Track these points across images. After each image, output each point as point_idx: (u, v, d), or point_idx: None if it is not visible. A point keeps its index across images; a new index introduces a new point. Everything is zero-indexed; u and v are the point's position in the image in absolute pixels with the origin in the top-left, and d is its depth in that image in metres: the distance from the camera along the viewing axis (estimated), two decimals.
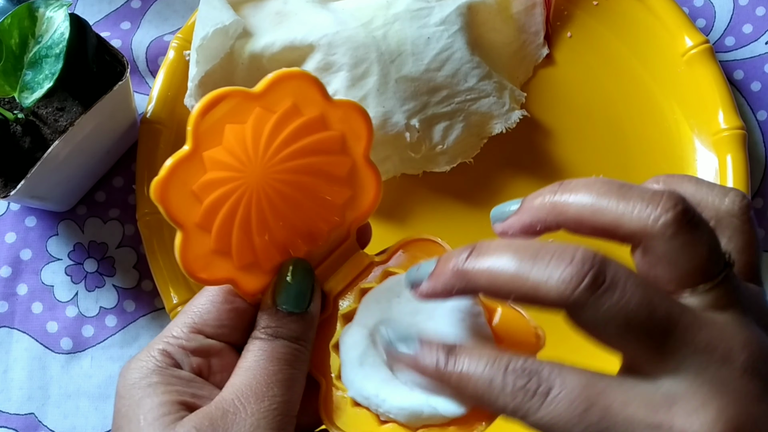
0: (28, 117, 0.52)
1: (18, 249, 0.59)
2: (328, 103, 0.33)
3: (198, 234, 0.32)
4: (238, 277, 0.33)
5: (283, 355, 0.33)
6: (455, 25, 0.56)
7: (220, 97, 0.31)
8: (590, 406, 0.28)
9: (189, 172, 0.31)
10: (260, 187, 0.32)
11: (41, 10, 0.49)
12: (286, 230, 0.34)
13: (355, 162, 0.35)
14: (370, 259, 0.36)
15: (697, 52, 0.59)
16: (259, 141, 0.32)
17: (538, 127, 0.60)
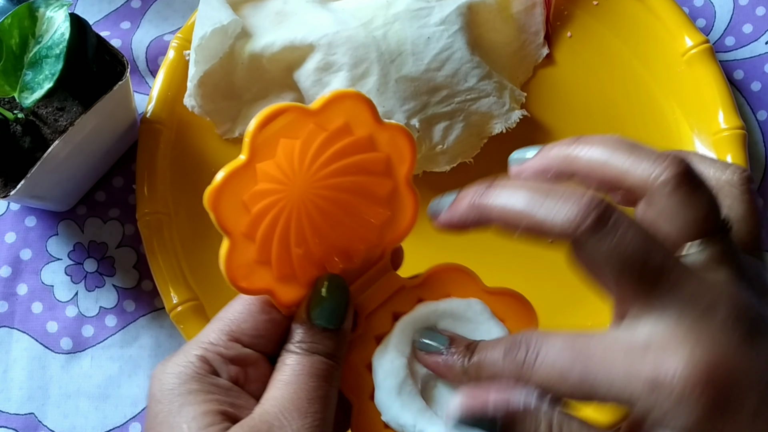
0: (28, 117, 0.52)
1: (18, 249, 0.59)
2: (377, 124, 0.34)
3: (243, 243, 0.32)
4: (276, 289, 0.34)
5: (321, 372, 0.33)
6: (455, 25, 0.56)
7: (278, 111, 0.32)
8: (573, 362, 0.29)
9: (241, 182, 0.32)
10: (302, 201, 0.33)
11: (41, 10, 0.49)
12: (323, 246, 0.34)
13: (396, 184, 0.35)
14: (402, 282, 0.36)
15: (697, 51, 0.59)
16: (305, 156, 0.32)
17: (538, 127, 0.60)
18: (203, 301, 0.55)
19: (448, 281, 0.37)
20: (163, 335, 0.57)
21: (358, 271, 0.36)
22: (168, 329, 0.57)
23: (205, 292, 0.56)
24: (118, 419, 0.56)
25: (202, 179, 0.58)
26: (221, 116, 0.59)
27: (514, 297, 0.37)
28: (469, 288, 0.37)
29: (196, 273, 0.56)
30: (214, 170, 0.58)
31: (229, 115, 0.59)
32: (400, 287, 0.36)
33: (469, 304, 0.36)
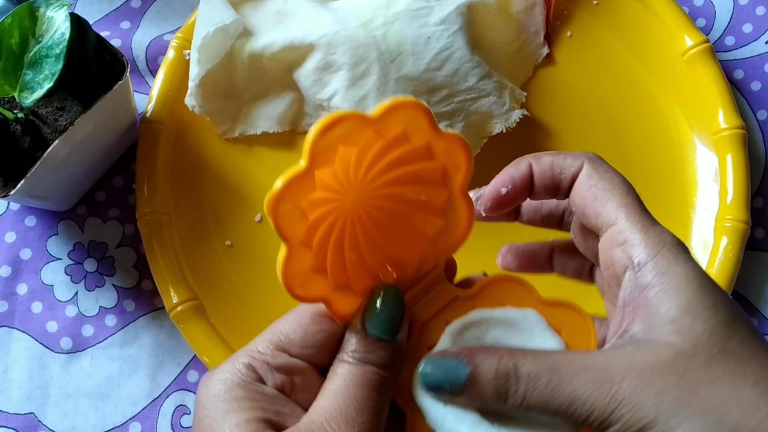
0: (28, 116, 0.52)
1: (18, 248, 0.59)
2: (435, 133, 0.33)
3: (300, 250, 0.32)
4: (332, 297, 0.33)
5: (372, 382, 0.33)
6: (455, 25, 0.56)
7: (339, 119, 0.31)
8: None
9: (300, 189, 0.31)
10: (358, 208, 0.33)
11: (42, 9, 0.49)
12: (377, 255, 0.34)
13: (451, 194, 0.35)
14: (456, 292, 0.36)
15: (697, 51, 0.59)
16: (361, 164, 0.32)
17: (538, 126, 0.60)
18: (203, 300, 0.55)
19: (504, 292, 0.36)
20: (163, 335, 0.57)
21: (412, 281, 0.35)
22: (168, 329, 0.57)
23: (205, 291, 0.56)
24: (117, 419, 0.56)
25: (202, 179, 0.58)
26: (221, 116, 0.59)
27: (570, 308, 0.36)
28: (525, 299, 0.36)
29: (196, 273, 0.56)
30: (215, 170, 0.59)
31: (229, 115, 0.59)
32: (454, 297, 0.36)
33: (524, 314, 0.36)
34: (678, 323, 0.31)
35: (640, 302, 0.32)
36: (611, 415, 0.30)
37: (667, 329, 0.31)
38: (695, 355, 0.31)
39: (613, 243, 0.34)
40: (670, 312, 0.32)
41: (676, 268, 0.32)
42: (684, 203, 0.58)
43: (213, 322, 0.55)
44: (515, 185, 0.37)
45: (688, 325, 0.31)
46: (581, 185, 0.36)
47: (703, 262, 0.56)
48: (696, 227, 0.58)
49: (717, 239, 0.56)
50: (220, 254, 0.57)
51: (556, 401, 0.31)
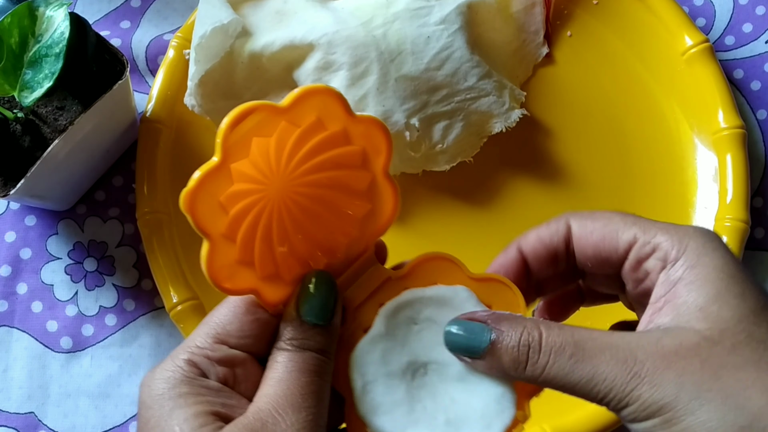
0: (28, 116, 0.52)
1: (18, 248, 0.59)
2: (350, 118, 0.34)
3: (223, 244, 0.33)
4: (261, 288, 0.34)
5: (313, 367, 0.33)
6: (455, 24, 0.56)
7: (248, 111, 0.32)
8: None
9: (217, 184, 0.32)
10: (281, 199, 0.33)
11: (41, 9, 0.49)
12: (306, 242, 0.34)
13: (374, 176, 0.35)
14: (388, 274, 0.37)
15: (697, 51, 0.59)
16: (281, 154, 0.32)
17: (538, 126, 0.60)
18: (203, 300, 0.55)
19: (435, 270, 0.37)
20: (163, 334, 0.57)
21: (343, 266, 0.36)
22: (168, 328, 0.57)
23: (205, 291, 0.56)
24: (118, 418, 0.56)
25: None
26: (221, 115, 0.58)
27: (500, 282, 0.37)
28: (455, 276, 0.37)
29: (196, 272, 0.56)
30: None
31: None
32: (386, 279, 0.36)
33: (455, 291, 0.36)
34: (706, 311, 0.31)
35: (671, 296, 0.33)
36: (630, 393, 0.30)
37: (695, 316, 0.32)
38: (721, 341, 0.31)
39: (642, 258, 0.34)
40: (698, 301, 0.32)
41: (705, 259, 0.33)
42: (684, 203, 0.58)
43: None
44: (507, 274, 0.37)
45: (716, 312, 0.31)
46: (582, 238, 0.36)
47: None
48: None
49: None
50: None
51: (576, 375, 0.31)
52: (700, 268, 0.32)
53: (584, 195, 0.59)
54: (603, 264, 0.36)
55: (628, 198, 0.59)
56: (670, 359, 0.30)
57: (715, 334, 0.31)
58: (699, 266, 0.32)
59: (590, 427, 0.53)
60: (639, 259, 0.35)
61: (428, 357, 0.36)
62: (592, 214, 0.36)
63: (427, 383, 0.35)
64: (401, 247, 0.39)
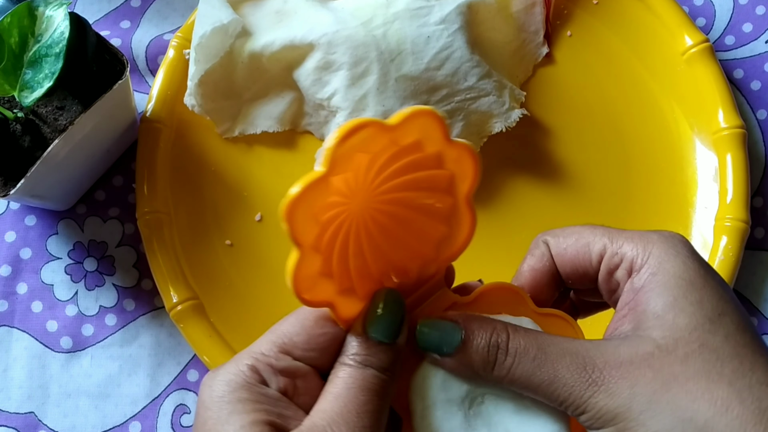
0: (28, 116, 0.52)
1: (18, 248, 0.59)
2: (447, 142, 0.34)
3: (310, 255, 0.32)
4: (337, 302, 0.34)
5: (373, 386, 0.33)
6: (455, 24, 0.56)
7: (360, 126, 0.31)
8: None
9: (316, 195, 0.32)
10: (362, 214, 0.33)
11: (41, 9, 0.49)
12: (380, 259, 0.34)
13: (456, 201, 0.35)
14: (455, 299, 0.37)
15: (697, 50, 0.59)
16: (371, 170, 0.32)
17: (538, 125, 0.60)
18: (203, 300, 0.55)
19: (500, 300, 0.37)
20: (163, 334, 0.57)
21: (413, 286, 0.36)
22: (168, 328, 0.57)
23: (205, 291, 0.56)
24: (117, 418, 0.56)
25: (202, 178, 0.59)
26: (221, 115, 0.59)
27: (562, 318, 0.37)
28: (519, 308, 0.37)
29: (196, 272, 0.56)
30: (214, 169, 0.59)
31: (229, 114, 0.59)
32: (452, 303, 0.36)
33: (520, 321, 0.36)
34: (662, 318, 0.32)
35: (633, 304, 0.33)
36: (588, 400, 0.31)
37: (652, 324, 0.32)
38: (674, 350, 0.31)
39: (612, 268, 0.35)
40: (656, 309, 0.32)
41: (666, 266, 0.33)
42: (684, 202, 0.58)
43: (213, 321, 0.55)
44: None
45: (671, 320, 0.32)
46: (558, 256, 0.36)
47: None
48: (696, 227, 0.58)
49: (717, 238, 0.56)
50: (220, 254, 0.57)
51: (538, 378, 0.32)
52: (660, 276, 0.33)
53: (584, 195, 0.59)
54: (582, 279, 0.36)
55: (628, 198, 0.59)
56: (625, 368, 0.31)
57: (669, 343, 0.31)
58: (659, 273, 0.33)
59: None
60: (609, 270, 0.35)
61: (487, 387, 0.35)
62: (563, 230, 0.37)
63: (484, 413, 0.35)
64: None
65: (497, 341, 0.33)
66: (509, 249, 0.57)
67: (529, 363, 0.32)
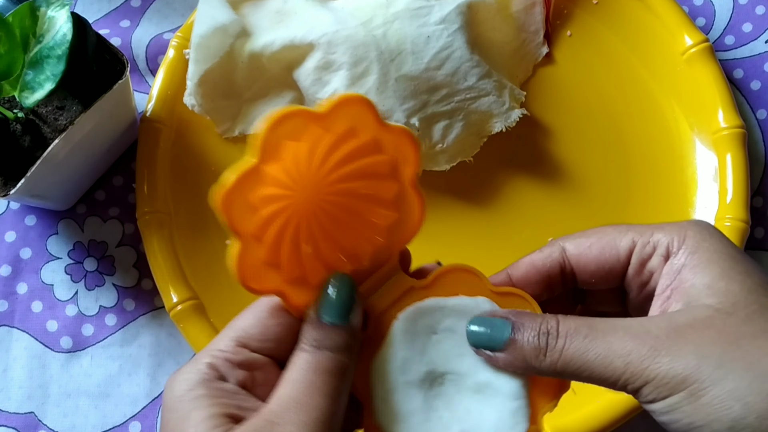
0: (28, 116, 0.52)
1: (18, 248, 0.59)
2: (382, 127, 0.34)
3: (252, 245, 0.33)
4: (287, 290, 0.34)
5: (327, 367, 0.33)
6: (455, 24, 0.56)
7: (287, 115, 0.32)
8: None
9: (250, 184, 0.32)
10: (311, 205, 0.33)
11: (42, 9, 0.49)
12: (332, 248, 0.35)
13: (402, 186, 0.36)
14: (411, 283, 0.37)
15: (697, 50, 0.59)
16: (313, 160, 0.33)
17: (538, 125, 0.60)
18: (203, 300, 0.55)
19: (457, 281, 0.37)
20: (163, 334, 0.57)
21: (367, 273, 0.36)
22: (168, 328, 0.57)
23: (205, 291, 0.56)
24: (117, 418, 0.56)
25: (202, 178, 0.58)
26: (221, 115, 0.59)
27: (519, 296, 0.37)
28: (477, 288, 0.37)
29: (196, 272, 0.56)
30: (214, 169, 0.59)
31: (229, 114, 0.59)
32: (409, 288, 0.37)
33: (477, 302, 0.36)
34: (714, 287, 0.32)
35: (677, 284, 0.33)
36: (648, 369, 0.30)
37: (704, 294, 0.32)
38: (735, 312, 0.31)
39: (645, 258, 0.35)
40: (705, 280, 0.32)
41: (705, 244, 0.33)
42: (684, 202, 0.58)
43: (213, 321, 0.55)
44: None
45: (724, 288, 0.32)
46: (581, 256, 0.36)
47: None
48: None
49: None
50: (220, 253, 0.57)
51: (592, 354, 0.31)
52: (701, 252, 0.33)
53: (584, 194, 0.59)
54: (607, 276, 0.36)
55: (628, 198, 0.59)
56: (685, 332, 0.30)
57: (727, 306, 0.31)
58: (701, 251, 0.33)
59: (590, 427, 0.53)
60: (642, 261, 0.35)
61: (446, 367, 0.36)
62: (584, 233, 0.37)
63: (444, 393, 0.36)
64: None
65: (547, 329, 0.33)
66: (509, 249, 0.57)
67: (580, 341, 0.32)
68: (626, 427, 0.54)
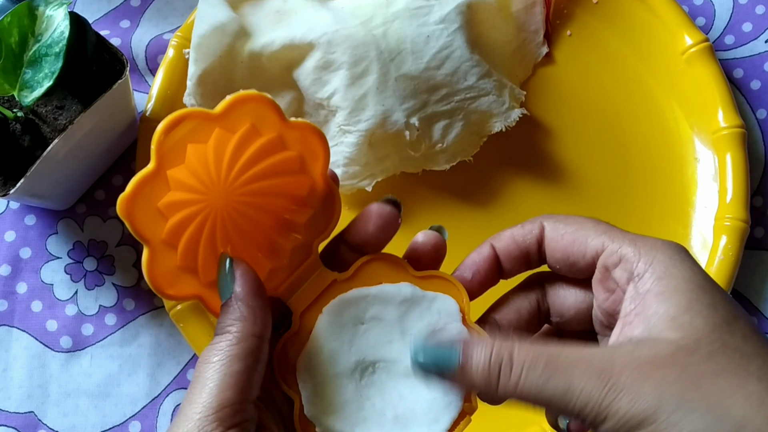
0: (28, 115, 0.52)
1: (17, 247, 0.59)
2: (284, 124, 0.34)
3: (164, 250, 0.33)
4: (205, 294, 0.35)
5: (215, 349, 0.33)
6: (455, 24, 0.56)
7: (180, 118, 0.32)
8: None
9: (153, 190, 0.32)
10: (224, 207, 0.33)
11: (41, 8, 0.49)
12: (249, 249, 0.35)
13: (314, 181, 0.36)
14: (333, 276, 0.37)
15: (697, 50, 0.59)
16: (221, 162, 0.33)
17: (538, 125, 0.60)
18: None
19: (379, 271, 0.37)
20: (163, 334, 0.57)
21: (289, 270, 0.36)
22: (168, 328, 0.57)
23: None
24: (117, 418, 0.56)
25: None
26: None
27: (443, 279, 0.37)
28: (400, 275, 0.37)
29: None
30: None
31: None
32: (332, 282, 0.37)
33: (398, 288, 0.37)
34: (678, 320, 0.31)
35: (640, 308, 0.32)
36: (608, 407, 0.30)
37: (667, 326, 0.31)
38: (697, 350, 0.30)
39: (609, 266, 0.34)
40: (669, 311, 0.31)
41: (673, 271, 0.32)
42: (683, 202, 0.58)
43: (213, 320, 0.55)
44: (479, 270, 0.37)
45: (688, 322, 0.31)
46: (553, 240, 0.36)
47: (702, 261, 0.56)
48: (695, 226, 0.58)
49: (716, 238, 0.56)
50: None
51: (550, 389, 0.30)
52: (668, 279, 0.32)
53: (584, 194, 0.59)
54: (570, 268, 0.36)
55: (628, 197, 0.59)
56: (647, 369, 0.30)
57: (690, 343, 0.30)
58: (667, 277, 0.32)
59: None
60: (606, 267, 0.35)
61: (376, 356, 0.36)
62: (566, 218, 0.37)
63: (376, 381, 0.36)
64: (401, 246, 0.39)
65: (500, 357, 0.31)
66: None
67: (537, 375, 0.31)
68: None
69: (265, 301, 0.34)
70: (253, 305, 0.34)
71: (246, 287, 0.34)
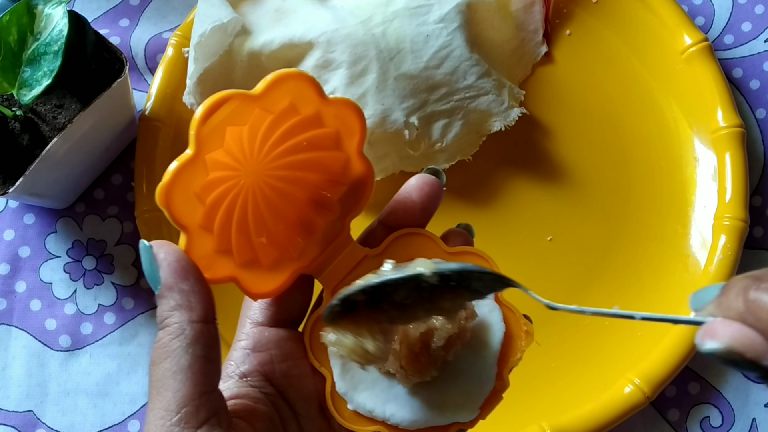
0: (27, 114, 0.52)
1: (17, 246, 0.59)
2: (323, 101, 0.34)
3: (201, 235, 0.33)
4: (240, 275, 0.34)
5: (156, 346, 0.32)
6: (454, 23, 0.56)
7: (221, 101, 0.32)
8: None
9: (192, 176, 0.32)
10: (256, 184, 0.33)
11: (40, 7, 0.49)
12: (282, 225, 0.34)
13: (349, 157, 0.35)
14: (365, 252, 0.37)
15: (696, 50, 0.59)
16: (255, 140, 0.32)
17: (537, 124, 0.60)
18: None
19: (411, 246, 0.37)
20: None
21: (320, 247, 0.36)
22: None
23: None
24: (116, 417, 0.56)
25: None
26: None
27: (476, 255, 0.37)
28: (431, 250, 0.37)
29: None
30: None
31: None
32: (363, 257, 0.36)
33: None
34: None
35: None
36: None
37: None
38: None
39: None
40: None
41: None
42: (683, 201, 0.58)
43: None
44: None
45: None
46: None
47: (701, 261, 0.56)
48: (695, 225, 0.58)
49: (716, 237, 0.56)
50: None
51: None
52: None
53: (583, 193, 0.59)
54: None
55: (627, 197, 0.59)
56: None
57: None
58: None
59: (589, 426, 0.53)
60: None
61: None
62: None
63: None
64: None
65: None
66: (509, 248, 0.57)
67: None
68: (624, 425, 0.54)
69: (198, 278, 0.32)
70: (186, 289, 0.31)
71: (172, 272, 0.32)
